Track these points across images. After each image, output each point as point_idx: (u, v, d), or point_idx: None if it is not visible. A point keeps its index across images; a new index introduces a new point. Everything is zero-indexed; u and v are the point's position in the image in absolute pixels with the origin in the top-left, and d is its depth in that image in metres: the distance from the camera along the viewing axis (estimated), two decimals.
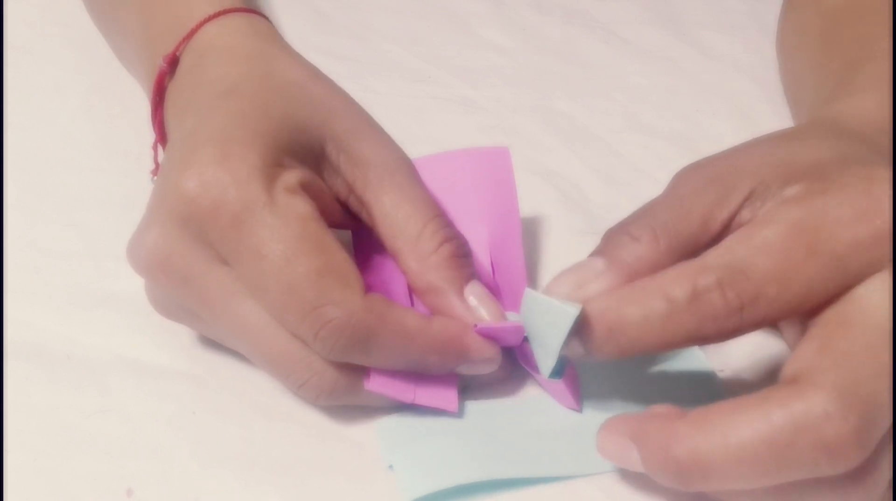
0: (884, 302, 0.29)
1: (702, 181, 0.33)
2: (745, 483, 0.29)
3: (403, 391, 0.33)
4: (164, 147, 0.40)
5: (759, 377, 0.37)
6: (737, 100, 0.51)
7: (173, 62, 0.38)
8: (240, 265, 0.32)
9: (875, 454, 0.29)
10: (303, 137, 0.34)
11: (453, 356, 0.33)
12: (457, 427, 0.34)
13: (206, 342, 0.36)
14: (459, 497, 0.32)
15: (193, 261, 0.33)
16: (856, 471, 0.28)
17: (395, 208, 0.34)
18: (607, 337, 0.31)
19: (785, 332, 0.34)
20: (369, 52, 0.52)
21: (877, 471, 0.29)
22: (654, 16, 0.56)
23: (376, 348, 0.32)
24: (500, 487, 0.32)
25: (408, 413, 0.34)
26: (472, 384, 0.35)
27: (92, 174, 0.44)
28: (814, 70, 0.44)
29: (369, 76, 0.50)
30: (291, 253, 0.31)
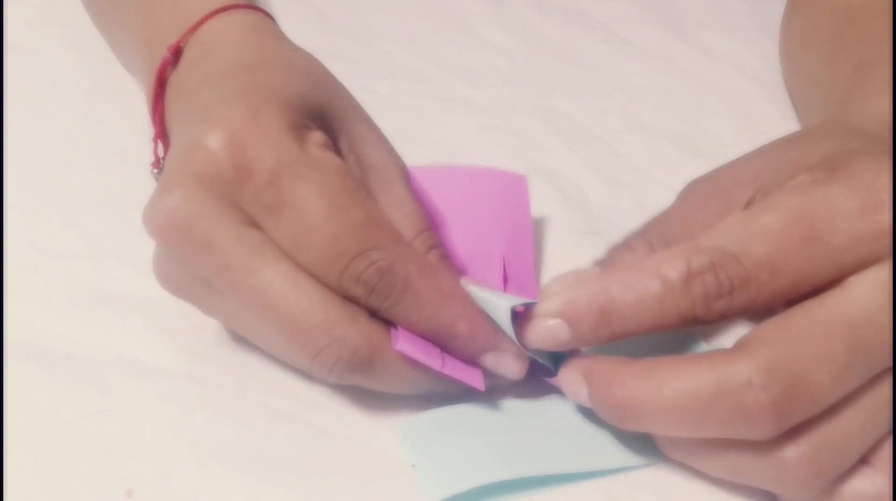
0: (865, 295, 0.29)
1: (704, 195, 0.33)
2: (671, 432, 0.31)
3: (432, 356, 0.33)
4: (164, 141, 0.40)
5: None
6: (737, 100, 0.51)
7: (177, 53, 0.38)
8: (278, 223, 0.32)
9: (802, 436, 0.29)
10: (321, 119, 0.34)
11: (483, 334, 0.33)
12: (478, 428, 0.34)
13: (206, 342, 0.36)
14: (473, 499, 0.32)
15: (218, 223, 0.32)
16: (778, 444, 0.29)
17: (392, 218, 0.34)
18: (600, 320, 0.31)
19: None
20: (369, 52, 0.52)
21: (804, 456, 0.29)
22: (654, 16, 0.56)
23: (413, 297, 0.32)
24: (503, 490, 0.32)
25: (429, 413, 0.34)
26: (495, 385, 0.35)
27: (92, 174, 0.43)
28: (825, 70, 0.44)
29: (369, 76, 0.50)
30: (335, 205, 0.31)
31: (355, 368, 0.32)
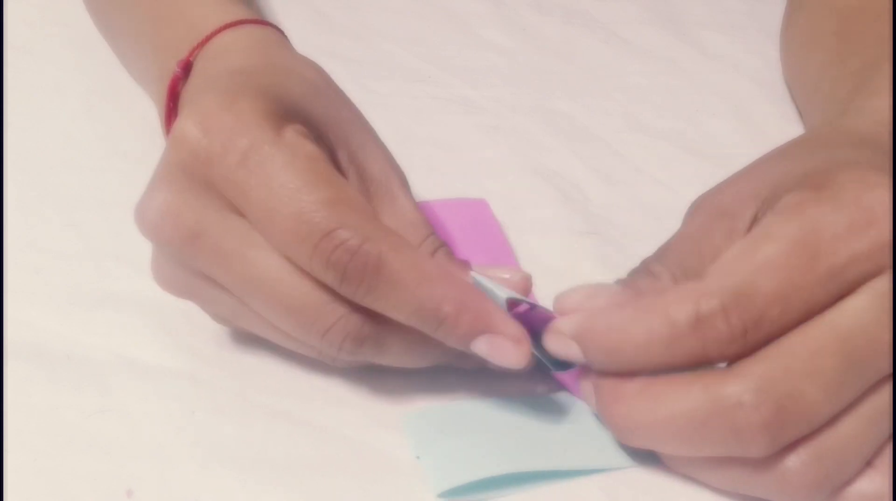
0: (859, 308, 0.29)
1: (711, 216, 0.33)
2: (670, 450, 0.31)
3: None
4: None
5: None
6: (737, 100, 0.51)
7: (187, 68, 0.38)
8: (248, 204, 0.31)
9: (803, 445, 0.29)
10: (316, 129, 0.34)
11: (471, 316, 0.31)
12: (483, 423, 0.34)
13: (206, 342, 0.36)
14: (471, 494, 0.32)
15: (205, 213, 0.32)
16: (778, 455, 0.29)
17: (395, 227, 0.34)
18: (610, 356, 0.31)
19: None
20: (369, 53, 0.52)
21: (805, 466, 0.29)
22: (654, 16, 0.56)
23: (388, 281, 0.30)
24: (504, 485, 0.32)
25: (433, 406, 0.34)
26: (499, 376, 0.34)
27: (92, 174, 0.44)
28: (828, 70, 0.44)
29: (369, 76, 0.50)
30: (301, 183, 0.31)
31: (364, 342, 0.32)
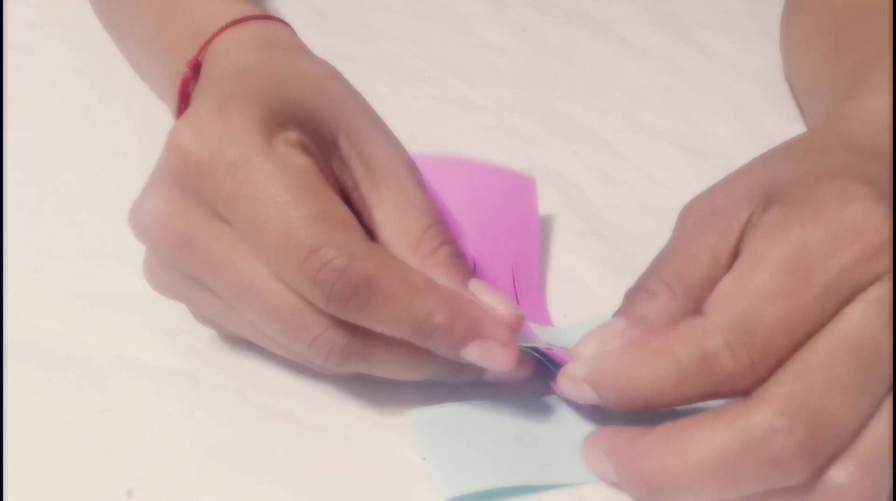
0: (862, 316, 0.29)
1: (703, 220, 0.33)
2: (707, 497, 0.29)
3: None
4: None
5: None
6: (737, 100, 0.51)
7: (196, 67, 0.38)
8: (235, 215, 0.31)
9: (843, 457, 0.29)
10: (315, 122, 0.34)
11: (463, 323, 0.31)
12: (490, 428, 0.34)
13: (206, 342, 0.36)
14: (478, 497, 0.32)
15: (194, 219, 0.32)
16: (821, 484, 0.29)
17: (399, 213, 0.34)
18: (623, 397, 0.31)
19: None
20: (369, 53, 0.52)
21: (855, 476, 0.29)
22: (654, 16, 0.56)
23: (379, 298, 0.30)
24: (506, 490, 0.32)
25: (441, 406, 0.34)
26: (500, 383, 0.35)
27: (92, 174, 0.44)
28: (826, 69, 0.44)
29: (369, 76, 0.50)
30: (290, 197, 0.30)
31: (351, 354, 0.32)
